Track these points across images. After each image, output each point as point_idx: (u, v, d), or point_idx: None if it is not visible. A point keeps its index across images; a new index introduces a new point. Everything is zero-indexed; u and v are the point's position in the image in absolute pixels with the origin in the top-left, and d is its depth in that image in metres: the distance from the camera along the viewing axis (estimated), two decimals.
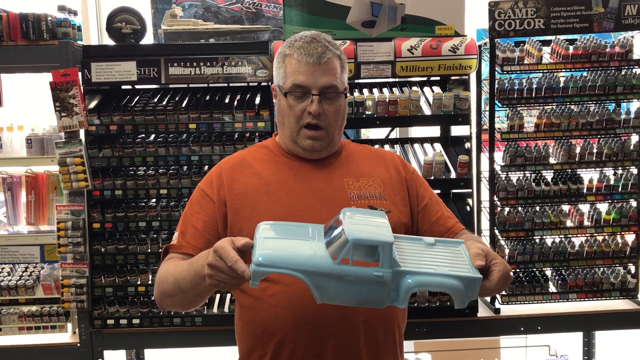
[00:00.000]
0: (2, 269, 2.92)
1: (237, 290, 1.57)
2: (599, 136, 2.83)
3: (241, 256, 1.21)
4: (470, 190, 2.79)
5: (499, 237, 2.83)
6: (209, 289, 1.40)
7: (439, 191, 2.99)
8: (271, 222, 1.31)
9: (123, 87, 2.91)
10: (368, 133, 4.11)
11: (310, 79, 1.54)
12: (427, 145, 3.00)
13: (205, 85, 2.86)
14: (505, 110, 2.82)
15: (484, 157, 2.86)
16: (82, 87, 2.65)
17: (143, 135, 2.76)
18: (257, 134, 2.74)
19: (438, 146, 2.99)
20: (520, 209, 2.82)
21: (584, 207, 2.90)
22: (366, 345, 1.50)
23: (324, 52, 1.55)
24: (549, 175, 2.88)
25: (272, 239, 1.22)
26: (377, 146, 2.97)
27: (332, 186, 1.60)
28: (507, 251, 2.84)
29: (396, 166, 1.71)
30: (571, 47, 2.80)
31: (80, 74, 2.66)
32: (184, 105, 2.77)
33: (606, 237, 2.85)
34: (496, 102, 2.77)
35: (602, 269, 2.86)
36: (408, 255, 1.24)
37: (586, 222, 2.87)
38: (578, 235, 2.84)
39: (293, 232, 1.27)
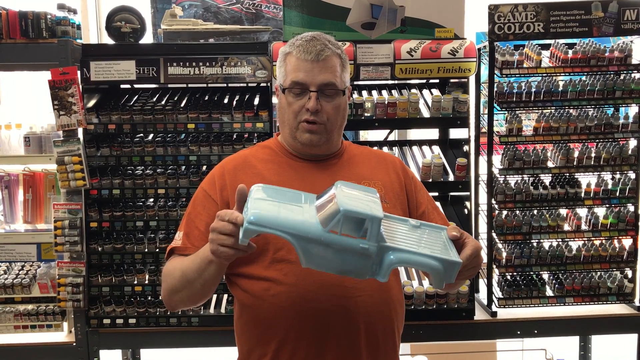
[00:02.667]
0: None
1: (238, 289, 1.57)
2: (597, 140, 2.84)
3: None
4: (468, 193, 2.79)
5: (497, 240, 2.83)
6: (214, 276, 1.41)
7: (436, 194, 3.00)
8: (264, 185, 1.34)
9: (122, 86, 2.91)
10: (367, 135, 4.11)
11: (308, 76, 1.54)
12: (425, 148, 3.00)
13: (205, 85, 2.85)
14: (504, 113, 2.82)
15: (483, 160, 2.87)
16: (80, 86, 2.65)
17: (141, 134, 2.76)
18: (255, 134, 2.74)
19: (436, 149, 3.00)
20: (518, 212, 2.83)
21: (582, 211, 2.90)
22: (366, 346, 1.51)
23: (323, 49, 1.55)
24: (547, 179, 2.88)
25: (264, 200, 1.25)
26: (375, 148, 2.99)
27: None
28: (504, 254, 2.84)
29: (396, 170, 1.71)
30: (570, 51, 2.80)
31: (79, 72, 2.66)
32: (182, 105, 2.77)
33: (603, 241, 2.86)
34: (495, 105, 2.77)
35: (599, 273, 2.87)
36: (393, 233, 1.29)
37: (584, 226, 2.87)
38: (575, 239, 2.85)
39: (286, 196, 1.31)
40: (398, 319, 1.59)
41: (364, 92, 2.96)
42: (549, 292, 2.88)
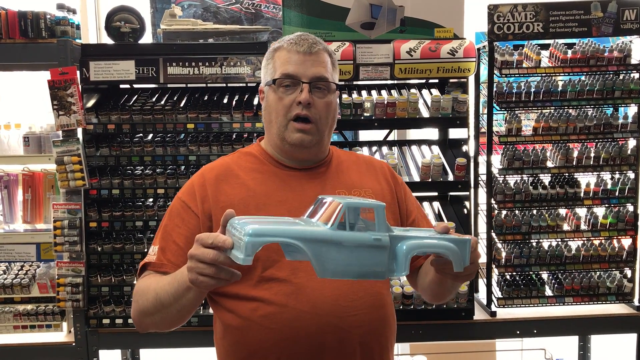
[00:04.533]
0: None
1: (222, 309, 1.46)
2: (596, 140, 2.84)
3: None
4: (467, 193, 2.79)
5: (496, 240, 2.83)
6: (193, 302, 1.31)
7: (436, 193, 3.01)
8: (244, 216, 1.22)
9: (121, 86, 2.91)
10: (366, 135, 4.11)
11: (300, 68, 1.48)
12: (424, 148, 3.00)
13: (204, 85, 2.85)
14: (504, 113, 2.82)
15: (482, 160, 2.87)
16: (80, 86, 2.65)
17: (141, 134, 2.76)
18: (255, 134, 2.74)
19: (436, 149, 3.00)
20: (517, 212, 2.83)
21: (581, 211, 2.90)
22: None
23: (315, 43, 1.51)
24: (546, 178, 2.88)
25: (253, 219, 1.16)
26: (374, 148, 3.00)
27: None
28: (503, 254, 2.84)
29: (386, 177, 1.64)
30: (570, 51, 2.80)
31: (78, 72, 2.66)
32: (182, 105, 2.77)
33: (603, 241, 2.86)
34: (494, 105, 2.77)
35: (598, 272, 2.87)
36: (395, 231, 1.25)
37: (583, 226, 2.87)
38: (575, 239, 2.85)
39: (271, 218, 1.22)
40: (392, 335, 1.54)
41: (364, 92, 2.96)
42: (549, 292, 2.88)
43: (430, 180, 2.73)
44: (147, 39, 2.94)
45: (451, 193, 2.96)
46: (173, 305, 1.32)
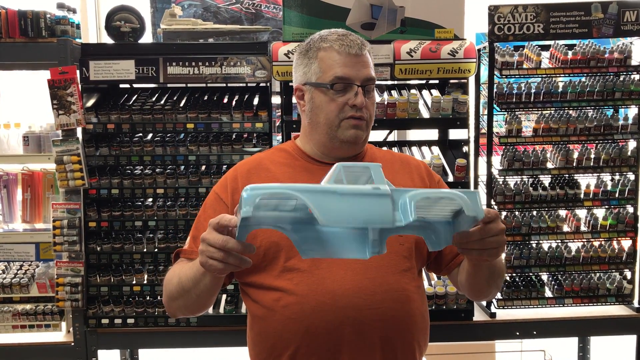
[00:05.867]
0: None
1: (249, 299, 1.50)
2: (596, 142, 2.84)
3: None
4: None
5: None
6: (210, 288, 1.35)
7: None
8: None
9: (121, 85, 2.90)
10: None
11: (353, 70, 1.48)
12: (425, 148, 3.00)
13: (204, 85, 2.85)
14: (504, 114, 2.82)
15: (482, 161, 2.86)
16: (80, 85, 2.64)
17: (140, 134, 2.76)
18: (255, 134, 2.74)
19: (436, 149, 2.99)
20: (517, 213, 2.83)
21: (581, 213, 2.90)
22: None
23: (363, 43, 1.51)
24: (546, 180, 2.88)
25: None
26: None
27: None
28: (503, 255, 2.84)
29: (421, 174, 1.63)
30: (570, 52, 2.80)
31: (78, 72, 2.65)
32: (182, 104, 2.77)
33: (602, 242, 2.86)
34: (495, 106, 2.77)
35: (598, 274, 2.87)
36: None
37: (583, 228, 2.87)
38: (574, 240, 2.85)
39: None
40: (419, 333, 1.49)
41: None
42: (548, 293, 2.88)
43: None
44: (147, 38, 2.94)
45: None
46: (192, 290, 1.37)
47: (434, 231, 1.19)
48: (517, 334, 2.80)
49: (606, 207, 2.86)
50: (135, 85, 2.90)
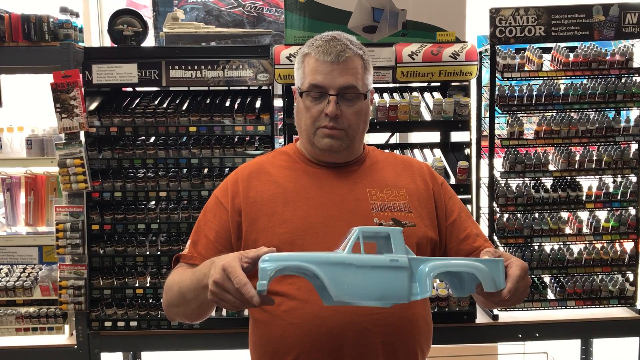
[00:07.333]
0: (0, 269, 2.92)
1: None
2: (598, 144, 2.84)
3: (249, 275, 1.13)
4: (469, 196, 2.79)
5: (498, 243, 2.83)
6: (210, 302, 1.32)
7: None
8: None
9: (124, 89, 2.91)
10: (368, 138, 4.11)
11: (327, 78, 1.45)
12: (426, 151, 3.00)
13: (206, 88, 2.86)
14: (505, 116, 2.82)
15: (484, 163, 2.87)
16: (82, 89, 2.65)
17: (143, 137, 2.76)
18: (257, 137, 2.74)
19: (438, 152, 3.00)
20: (519, 215, 2.83)
21: (583, 215, 2.90)
22: None
23: (343, 50, 1.46)
24: (548, 182, 2.88)
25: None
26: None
27: (354, 196, 1.50)
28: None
29: (424, 177, 1.60)
30: (571, 55, 2.81)
31: (81, 75, 2.66)
32: (184, 108, 2.78)
33: (605, 244, 2.86)
34: (496, 108, 2.77)
35: (600, 276, 2.86)
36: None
37: (585, 230, 2.87)
38: (577, 242, 2.85)
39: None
40: (422, 338, 1.48)
41: None
42: (551, 296, 2.88)
43: None
44: (149, 42, 2.95)
45: None
46: (193, 301, 1.37)
47: (457, 277, 1.19)
48: (520, 336, 2.80)
49: (608, 209, 2.86)
50: (138, 89, 2.91)
